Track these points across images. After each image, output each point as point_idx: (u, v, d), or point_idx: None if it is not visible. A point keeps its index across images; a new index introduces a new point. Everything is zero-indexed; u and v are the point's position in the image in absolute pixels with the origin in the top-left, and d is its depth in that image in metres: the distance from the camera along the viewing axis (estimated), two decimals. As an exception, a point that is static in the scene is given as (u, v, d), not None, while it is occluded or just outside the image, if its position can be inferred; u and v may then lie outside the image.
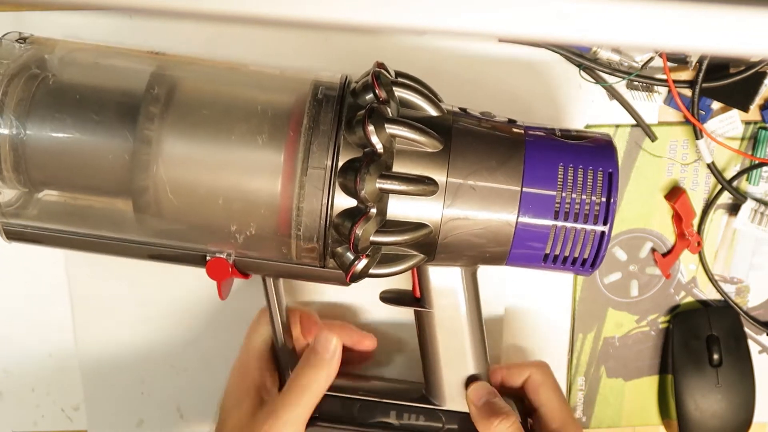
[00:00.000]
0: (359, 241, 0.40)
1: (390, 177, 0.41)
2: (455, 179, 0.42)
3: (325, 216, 0.41)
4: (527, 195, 0.42)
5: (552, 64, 0.55)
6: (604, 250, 0.43)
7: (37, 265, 0.57)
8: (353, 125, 0.41)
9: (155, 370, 0.59)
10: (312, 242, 0.42)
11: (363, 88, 0.42)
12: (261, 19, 0.24)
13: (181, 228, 0.43)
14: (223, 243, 0.43)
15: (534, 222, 0.43)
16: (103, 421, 0.60)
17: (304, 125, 0.41)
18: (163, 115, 0.41)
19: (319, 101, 0.42)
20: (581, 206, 0.42)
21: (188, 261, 0.44)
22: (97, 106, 0.41)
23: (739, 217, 0.58)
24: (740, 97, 0.56)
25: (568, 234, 0.43)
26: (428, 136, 0.42)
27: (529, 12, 0.24)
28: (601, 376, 0.62)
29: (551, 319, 0.60)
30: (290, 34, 0.53)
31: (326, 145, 0.41)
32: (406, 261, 0.44)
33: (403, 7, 0.24)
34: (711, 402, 0.59)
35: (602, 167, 0.43)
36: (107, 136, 0.41)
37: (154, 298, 0.58)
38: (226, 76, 0.45)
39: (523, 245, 0.43)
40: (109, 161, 0.41)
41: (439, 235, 0.43)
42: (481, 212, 0.42)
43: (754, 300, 0.61)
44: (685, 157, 0.58)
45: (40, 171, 0.41)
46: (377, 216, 0.41)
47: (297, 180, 0.41)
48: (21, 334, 0.58)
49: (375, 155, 0.40)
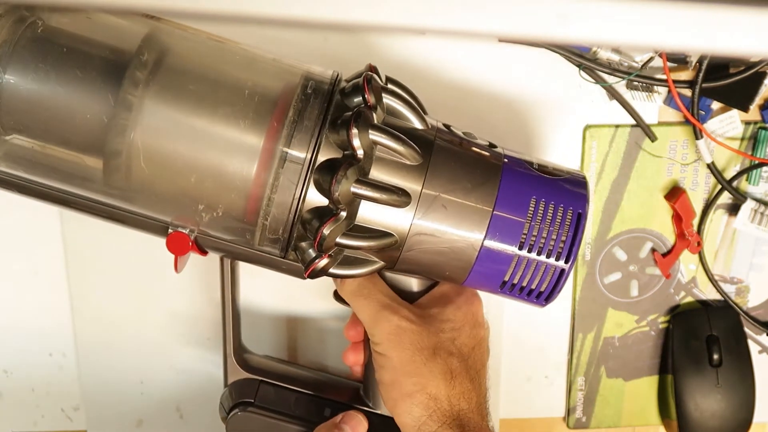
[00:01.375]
0: (324, 241, 0.40)
1: (366, 183, 0.41)
2: (429, 193, 0.42)
3: (295, 210, 0.41)
4: (497, 218, 0.42)
5: (552, 64, 0.55)
6: (561, 286, 0.44)
7: (37, 265, 0.57)
8: (337, 125, 0.41)
9: (155, 370, 0.59)
10: (277, 233, 0.42)
11: (353, 89, 0.42)
12: (261, 19, 0.24)
13: (148, 197, 0.42)
14: (187, 219, 0.42)
15: (499, 247, 0.43)
16: (103, 421, 0.60)
17: (289, 117, 0.41)
18: (148, 81, 0.40)
19: (307, 95, 0.41)
20: (547, 240, 0.43)
21: (149, 229, 0.44)
22: (82, 62, 0.40)
23: (739, 217, 0.58)
24: (740, 97, 0.56)
25: (530, 265, 0.43)
26: (409, 148, 0.42)
27: (529, 12, 0.24)
28: (601, 376, 0.62)
29: (551, 319, 0.60)
30: (290, 34, 0.53)
31: (307, 140, 0.40)
32: (366, 266, 0.44)
33: (403, 6, 0.24)
34: (711, 402, 0.59)
35: (572, 206, 0.43)
36: (88, 93, 0.40)
37: (154, 298, 0.58)
38: (218, 52, 0.44)
39: (483, 268, 0.44)
40: (86, 119, 0.40)
41: (403, 246, 0.43)
42: (449, 229, 0.43)
43: (754, 300, 0.61)
44: (685, 157, 0.58)
45: (13, 116, 0.40)
46: (346, 219, 0.41)
47: (273, 170, 0.40)
48: (21, 334, 0.58)
49: (354, 159, 0.40)
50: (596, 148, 0.57)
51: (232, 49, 0.44)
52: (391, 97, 0.43)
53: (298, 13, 0.24)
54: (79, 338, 0.58)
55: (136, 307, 0.58)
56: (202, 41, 0.44)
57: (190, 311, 0.58)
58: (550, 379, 0.62)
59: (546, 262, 0.43)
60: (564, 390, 0.62)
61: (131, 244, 0.56)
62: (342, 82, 0.43)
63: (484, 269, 0.44)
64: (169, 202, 0.42)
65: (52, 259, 0.56)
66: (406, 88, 0.45)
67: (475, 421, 0.44)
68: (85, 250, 0.56)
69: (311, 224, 0.41)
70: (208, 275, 0.57)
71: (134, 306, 0.58)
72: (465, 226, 0.43)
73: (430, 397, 0.43)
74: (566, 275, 0.44)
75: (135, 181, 0.41)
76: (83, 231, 0.56)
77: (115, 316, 0.58)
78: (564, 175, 0.45)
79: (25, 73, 0.39)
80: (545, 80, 0.55)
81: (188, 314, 0.58)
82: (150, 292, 0.57)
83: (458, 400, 0.44)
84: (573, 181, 0.45)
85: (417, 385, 0.43)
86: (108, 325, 0.58)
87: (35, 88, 0.40)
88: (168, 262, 0.57)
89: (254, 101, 0.41)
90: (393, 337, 0.44)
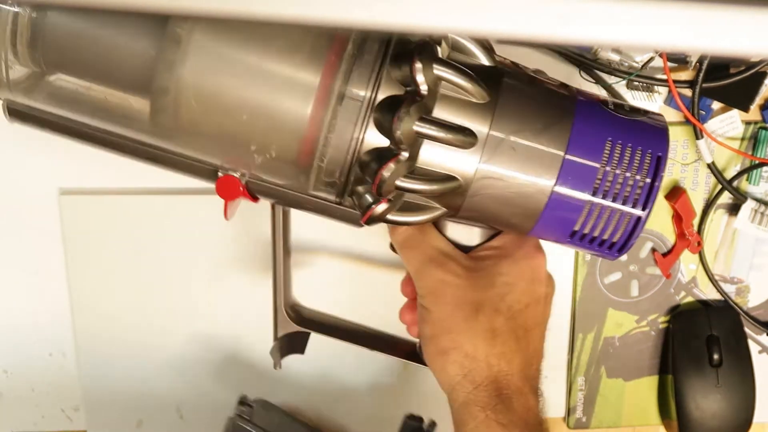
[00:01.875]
0: (384, 184, 0.38)
1: (430, 121, 0.38)
2: (497, 135, 0.39)
3: (353, 151, 0.38)
4: (569, 163, 0.40)
5: (552, 64, 0.55)
6: (636, 235, 0.41)
7: (37, 265, 0.57)
8: (400, 60, 0.38)
9: (155, 370, 0.59)
10: (333, 177, 0.39)
11: None
12: (260, 19, 0.24)
13: (196, 138, 0.40)
14: (238, 161, 0.40)
15: (571, 194, 0.40)
16: (103, 421, 0.60)
17: (348, 51, 0.38)
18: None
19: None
20: (623, 186, 0.40)
21: (197, 173, 0.42)
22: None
23: (740, 217, 0.58)
24: (740, 97, 0.56)
25: (603, 213, 0.40)
26: (477, 84, 0.39)
27: (529, 12, 0.24)
28: (601, 376, 0.61)
29: (551, 319, 0.60)
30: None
31: (367, 76, 0.38)
32: (427, 212, 0.41)
33: (403, 8, 0.24)
34: (711, 402, 0.58)
35: (651, 149, 0.40)
36: (135, 27, 0.38)
37: (154, 298, 0.58)
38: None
39: (553, 216, 0.41)
40: (132, 55, 0.38)
41: (468, 191, 0.40)
42: (517, 173, 0.40)
43: (754, 300, 0.61)
44: (686, 157, 0.58)
45: (58, 53, 0.38)
46: (408, 160, 0.38)
47: (330, 108, 0.38)
48: (21, 334, 0.58)
49: (418, 96, 0.37)
50: (596, 148, 0.57)
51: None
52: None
53: (298, 13, 0.24)
54: (79, 338, 0.58)
55: (136, 307, 0.58)
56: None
57: (191, 311, 0.58)
58: (550, 379, 0.61)
59: (621, 209, 0.40)
60: (564, 390, 0.62)
61: (131, 244, 0.56)
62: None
63: (554, 217, 0.41)
64: (219, 143, 0.40)
65: (52, 259, 0.56)
66: None
67: (515, 384, 0.41)
68: (85, 250, 0.56)
69: (370, 166, 0.38)
70: (210, 274, 0.57)
71: (134, 306, 0.58)
72: (534, 170, 0.40)
73: (467, 355, 0.41)
74: (642, 223, 0.40)
75: (183, 121, 0.38)
76: (83, 231, 0.56)
77: (116, 316, 0.58)
78: (642, 116, 0.42)
79: (67, 8, 0.37)
80: (545, 80, 0.55)
81: (188, 314, 0.58)
82: (150, 292, 0.57)
83: (498, 360, 0.41)
84: (652, 122, 0.42)
85: (453, 342, 0.41)
86: (108, 325, 0.58)
87: (80, 21, 0.38)
88: (168, 261, 0.57)
89: (311, 33, 0.38)
90: (435, 291, 0.42)
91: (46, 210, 0.55)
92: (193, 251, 0.56)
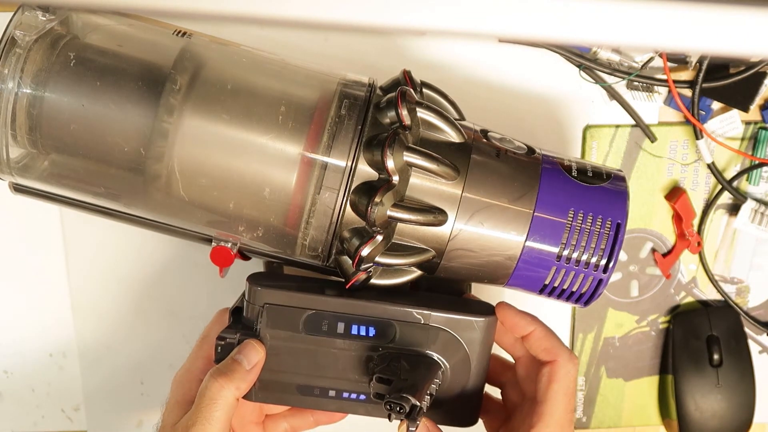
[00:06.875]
0: (363, 261, 0.41)
1: (402, 207, 0.41)
2: (466, 211, 0.43)
3: (333, 231, 0.42)
4: (534, 231, 0.43)
5: (552, 64, 0.55)
6: (599, 293, 0.45)
7: (37, 265, 0.57)
8: (372, 146, 0.41)
9: (155, 371, 0.59)
10: (317, 251, 0.43)
11: (387, 104, 0.42)
12: (260, 20, 0.24)
13: (189, 218, 0.43)
14: (229, 235, 0.44)
15: (538, 254, 0.43)
16: (103, 422, 0.60)
17: (323, 142, 0.41)
18: (182, 109, 0.41)
19: (341, 117, 0.42)
20: (585, 249, 0.43)
21: (193, 239, 0.46)
22: (117, 84, 0.41)
23: (739, 217, 0.58)
24: (740, 97, 0.56)
25: (569, 271, 0.44)
26: (445, 166, 0.42)
27: (529, 12, 0.24)
28: (602, 376, 0.62)
29: (551, 319, 0.60)
30: (289, 34, 0.53)
31: (342, 168, 0.41)
32: (406, 275, 0.45)
33: (403, 7, 0.24)
34: (711, 402, 0.59)
35: (611, 217, 0.43)
36: (124, 122, 0.41)
37: (154, 299, 0.58)
38: (252, 63, 0.44)
39: (520, 281, 0.45)
40: (123, 150, 0.41)
41: (441, 259, 0.44)
42: (487, 243, 0.43)
43: (754, 300, 0.61)
44: (686, 157, 0.58)
45: (54, 139, 0.41)
46: (383, 240, 0.42)
47: (309, 196, 0.41)
48: (21, 335, 0.58)
49: (390, 184, 0.41)
50: (596, 148, 0.57)
51: (266, 59, 0.45)
52: (426, 112, 0.43)
53: (298, 13, 0.24)
54: (79, 338, 0.58)
55: (136, 307, 0.58)
56: (235, 52, 0.45)
57: (191, 311, 0.58)
58: (550, 379, 0.62)
59: (584, 271, 0.44)
60: (564, 390, 0.62)
61: (131, 244, 0.56)
62: (376, 89, 0.44)
63: (522, 282, 0.45)
64: (210, 223, 0.44)
65: (52, 259, 0.56)
66: (442, 93, 0.45)
67: None
68: (85, 250, 0.56)
69: (350, 242, 0.42)
70: (209, 276, 0.57)
71: (134, 306, 0.58)
72: (500, 244, 0.43)
73: None
74: (604, 284, 0.44)
75: (175, 204, 0.42)
76: (83, 231, 0.56)
77: (115, 316, 0.58)
78: (603, 181, 0.45)
79: (62, 95, 0.40)
80: (545, 80, 0.55)
81: (188, 314, 0.58)
82: (150, 292, 0.57)
83: None
84: (612, 187, 0.45)
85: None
86: (108, 325, 0.58)
87: (72, 114, 0.41)
88: (168, 262, 0.57)
89: (288, 127, 0.41)
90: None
91: (47, 211, 0.55)
92: (193, 252, 0.56)
